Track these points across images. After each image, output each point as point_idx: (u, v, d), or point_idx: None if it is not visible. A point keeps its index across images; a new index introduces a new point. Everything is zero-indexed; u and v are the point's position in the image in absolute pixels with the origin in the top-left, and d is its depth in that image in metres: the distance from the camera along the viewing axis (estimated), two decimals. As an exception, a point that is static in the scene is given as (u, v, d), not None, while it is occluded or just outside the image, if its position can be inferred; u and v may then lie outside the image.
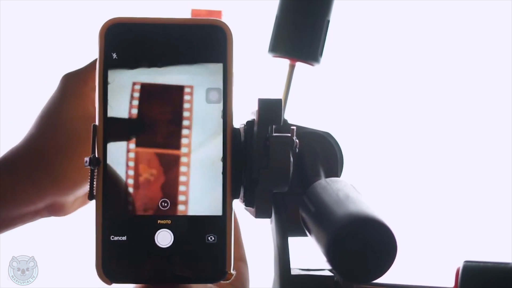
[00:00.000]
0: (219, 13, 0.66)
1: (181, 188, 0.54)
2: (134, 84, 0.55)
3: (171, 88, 0.55)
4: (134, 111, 0.55)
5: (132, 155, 0.54)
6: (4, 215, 0.65)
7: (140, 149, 0.54)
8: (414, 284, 0.58)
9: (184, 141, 0.55)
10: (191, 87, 0.55)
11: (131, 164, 0.54)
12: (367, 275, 0.51)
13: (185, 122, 0.55)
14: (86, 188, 0.65)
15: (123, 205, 0.54)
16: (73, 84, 0.66)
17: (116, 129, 0.54)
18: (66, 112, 0.65)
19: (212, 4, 0.67)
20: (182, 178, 0.54)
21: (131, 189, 0.54)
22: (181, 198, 0.54)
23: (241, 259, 0.61)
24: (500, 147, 1.11)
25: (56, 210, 0.66)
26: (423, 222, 1.10)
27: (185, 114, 0.55)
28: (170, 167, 0.54)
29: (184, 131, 0.55)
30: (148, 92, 0.55)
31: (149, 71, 0.55)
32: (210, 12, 0.66)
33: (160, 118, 0.55)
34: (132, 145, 0.54)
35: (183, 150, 0.54)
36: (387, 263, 0.50)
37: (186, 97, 0.55)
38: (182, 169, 0.54)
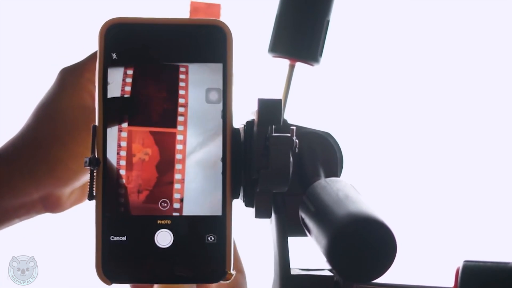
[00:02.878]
0: (218, 6, 0.66)
1: (176, 186, 0.54)
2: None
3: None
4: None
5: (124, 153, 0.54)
6: None
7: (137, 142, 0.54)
8: (414, 284, 0.58)
9: (179, 138, 0.55)
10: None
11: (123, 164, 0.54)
12: (367, 275, 0.51)
13: (180, 118, 0.55)
14: (83, 178, 0.65)
15: (123, 205, 0.54)
16: (70, 76, 0.66)
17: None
18: (62, 102, 0.66)
19: (212, 0, 0.67)
20: (177, 176, 0.54)
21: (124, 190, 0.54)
22: (176, 195, 0.54)
23: (239, 270, 0.61)
24: (500, 147, 1.11)
25: (52, 203, 0.66)
26: (423, 222, 1.10)
27: (180, 110, 0.55)
28: (168, 168, 0.54)
29: (180, 127, 0.55)
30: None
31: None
32: (209, 5, 0.66)
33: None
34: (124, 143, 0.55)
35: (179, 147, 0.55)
36: (387, 263, 0.50)
37: (181, 92, 0.55)
38: (177, 166, 0.54)
